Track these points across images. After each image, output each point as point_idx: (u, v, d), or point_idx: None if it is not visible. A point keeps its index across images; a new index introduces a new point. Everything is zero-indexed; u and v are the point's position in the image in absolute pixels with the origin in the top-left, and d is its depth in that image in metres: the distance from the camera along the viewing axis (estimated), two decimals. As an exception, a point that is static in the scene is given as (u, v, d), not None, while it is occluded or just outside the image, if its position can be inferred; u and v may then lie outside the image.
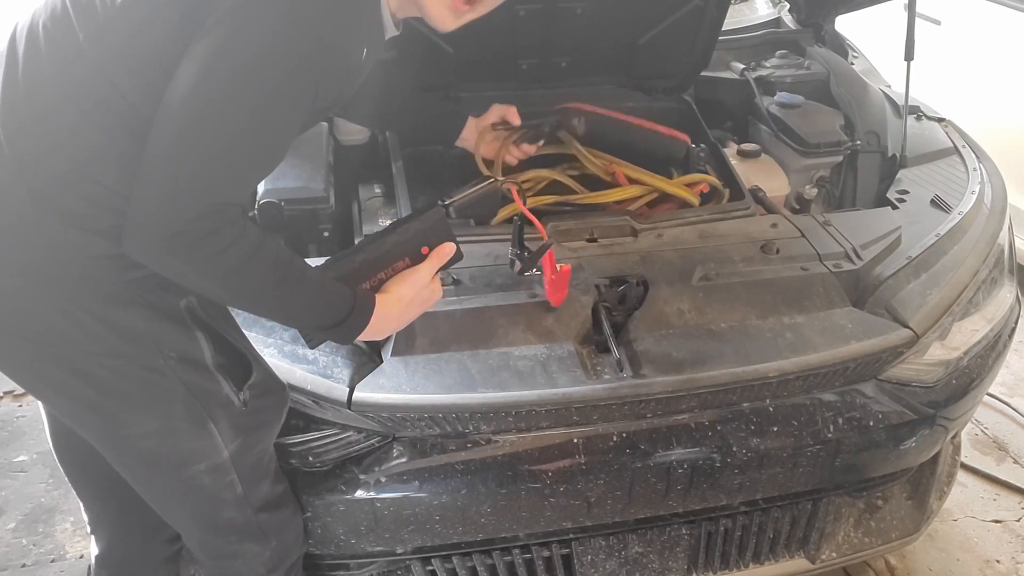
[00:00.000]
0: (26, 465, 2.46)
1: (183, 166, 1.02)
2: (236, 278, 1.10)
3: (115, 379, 1.18)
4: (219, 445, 1.28)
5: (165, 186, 1.02)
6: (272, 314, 1.24)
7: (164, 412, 1.23)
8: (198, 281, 1.09)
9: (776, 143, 2.10)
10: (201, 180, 1.03)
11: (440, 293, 1.34)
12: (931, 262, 1.66)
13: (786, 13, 2.53)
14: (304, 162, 1.80)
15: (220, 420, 1.27)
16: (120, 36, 1.07)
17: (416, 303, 1.30)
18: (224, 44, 1.02)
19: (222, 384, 1.26)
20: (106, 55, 1.07)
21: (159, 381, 1.20)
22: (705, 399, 1.49)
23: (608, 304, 1.53)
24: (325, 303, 1.19)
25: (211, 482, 1.31)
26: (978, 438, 2.63)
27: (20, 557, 2.19)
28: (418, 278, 1.28)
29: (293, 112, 1.10)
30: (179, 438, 1.25)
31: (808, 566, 1.75)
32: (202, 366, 1.24)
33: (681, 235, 1.70)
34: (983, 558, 2.22)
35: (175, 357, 1.21)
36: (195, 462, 1.28)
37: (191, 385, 1.23)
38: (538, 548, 1.64)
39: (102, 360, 1.17)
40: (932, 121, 2.15)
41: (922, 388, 1.63)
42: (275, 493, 1.42)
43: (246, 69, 1.02)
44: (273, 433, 1.38)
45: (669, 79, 2.20)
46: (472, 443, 1.46)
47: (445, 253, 1.32)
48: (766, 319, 1.53)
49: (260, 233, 1.10)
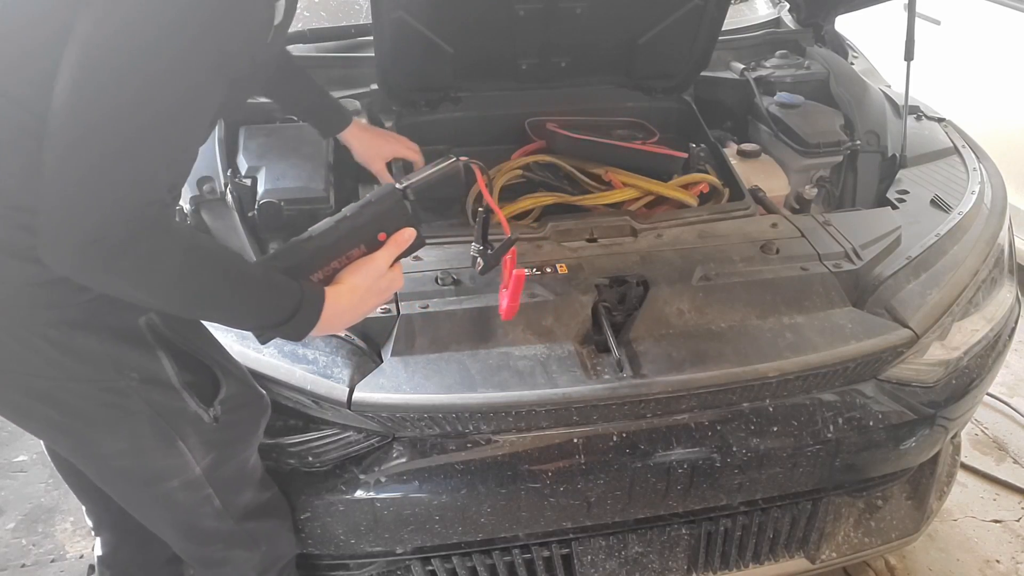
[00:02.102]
0: (26, 465, 2.46)
1: (79, 167, 0.90)
2: (166, 286, 1.00)
3: (79, 402, 1.15)
4: (190, 462, 1.25)
5: (66, 192, 0.91)
6: (211, 317, 1.16)
7: (131, 432, 1.20)
8: (126, 291, 1.00)
9: (776, 143, 2.10)
10: (102, 180, 0.91)
11: (401, 282, 1.24)
12: (931, 262, 1.66)
13: (786, 13, 2.52)
14: (304, 162, 1.80)
15: (189, 437, 1.23)
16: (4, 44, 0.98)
17: (372, 293, 1.20)
18: (100, 23, 0.89)
19: (188, 402, 1.22)
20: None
21: (122, 402, 1.17)
22: (705, 399, 1.49)
23: (608, 304, 1.53)
24: (269, 300, 1.10)
25: (186, 497, 1.29)
26: (978, 438, 2.63)
27: (20, 557, 2.18)
28: (374, 267, 1.19)
29: (196, 88, 0.96)
30: (149, 457, 1.22)
31: (808, 566, 1.75)
32: (166, 385, 1.20)
33: (681, 235, 1.70)
34: (983, 558, 2.22)
35: (136, 377, 1.16)
36: (167, 479, 1.26)
37: (156, 404, 1.19)
38: (538, 548, 1.64)
39: (63, 384, 1.14)
40: (932, 121, 2.15)
41: (922, 388, 1.63)
42: (261, 500, 1.41)
43: (129, 46, 0.89)
44: (251, 445, 1.36)
45: (669, 79, 2.20)
46: (472, 443, 1.46)
47: (404, 239, 1.22)
48: (766, 319, 1.53)
49: (190, 232, 1.02)
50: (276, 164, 1.78)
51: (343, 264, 1.20)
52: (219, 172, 1.72)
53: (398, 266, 1.24)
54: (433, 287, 1.52)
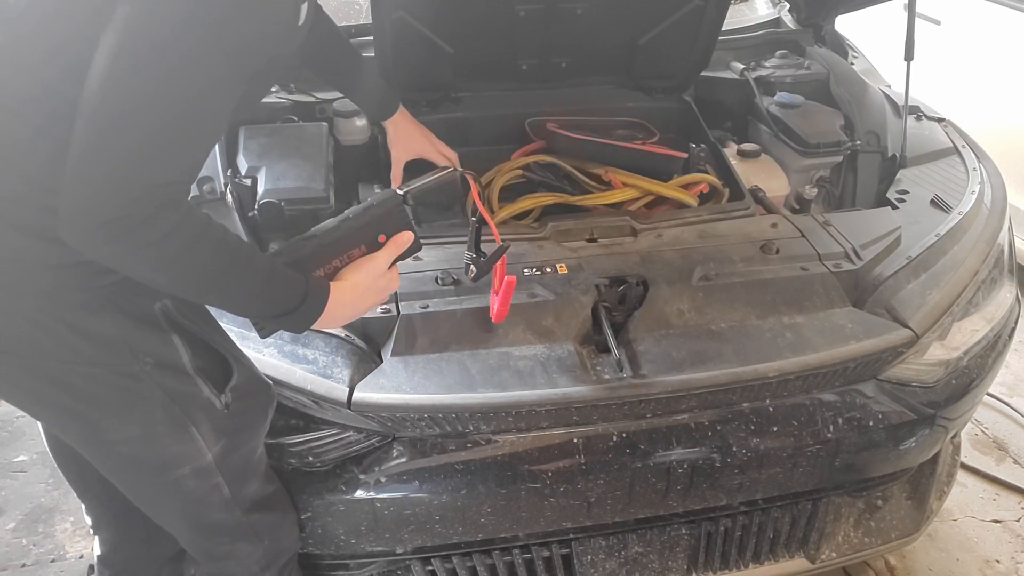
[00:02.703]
0: (26, 465, 2.46)
1: (110, 149, 0.96)
2: (179, 265, 1.04)
3: (92, 386, 1.17)
4: (202, 448, 1.26)
5: (95, 171, 0.97)
6: (220, 302, 1.19)
7: (144, 418, 1.21)
8: (139, 269, 1.04)
9: (776, 143, 2.10)
10: (130, 162, 0.97)
11: (398, 283, 1.29)
12: (931, 262, 1.66)
13: (786, 13, 2.53)
14: (304, 162, 1.80)
15: (201, 423, 1.25)
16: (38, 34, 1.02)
17: (372, 291, 1.25)
18: (135, 16, 0.95)
19: (201, 387, 1.24)
20: (30, 58, 1.03)
21: (136, 387, 1.18)
22: (705, 399, 1.49)
23: (608, 304, 1.53)
24: (277, 290, 1.14)
25: (197, 485, 1.30)
26: (978, 438, 2.63)
27: (20, 557, 2.19)
28: (375, 266, 1.24)
29: (220, 80, 1.02)
30: (160, 443, 1.23)
31: (808, 566, 1.75)
32: (180, 370, 1.22)
33: (681, 235, 1.70)
34: (983, 558, 2.22)
35: (151, 362, 1.18)
36: (179, 466, 1.26)
37: (169, 390, 1.21)
38: (538, 548, 1.64)
39: (77, 368, 1.15)
40: (932, 121, 2.15)
41: (922, 388, 1.63)
42: (266, 493, 1.41)
43: (161, 39, 0.96)
44: (259, 434, 1.37)
45: (669, 79, 2.20)
46: (472, 443, 1.46)
47: (403, 241, 1.27)
48: (766, 319, 1.53)
49: (204, 217, 1.05)
50: (276, 164, 1.78)
51: (344, 263, 1.24)
52: (219, 172, 1.72)
53: (396, 267, 1.28)
54: (433, 287, 1.52)
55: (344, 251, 1.24)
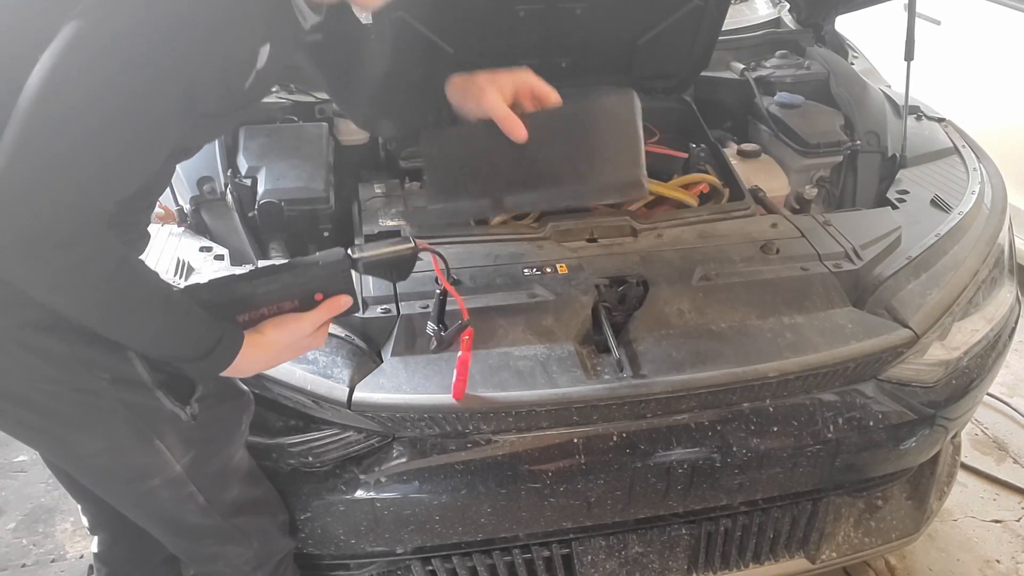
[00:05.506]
0: (26, 465, 2.46)
1: (31, 159, 0.92)
2: (93, 294, 1.00)
3: (53, 403, 1.15)
4: (169, 460, 1.24)
5: (16, 186, 0.92)
6: (128, 337, 1.12)
7: (107, 432, 1.19)
8: (49, 296, 0.99)
9: (776, 143, 2.10)
10: (53, 180, 0.93)
11: (322, 343, 1.25)
12: (931, 262, 1.66)
13: (786, 13, 2.53)
14: (304, 162, 1.80)
15: (167, 435, 1.23)
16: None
17: (289, 350, 1.21)
18: (77, 37, 0.92)
19: (163, 401, 1.21)
20: None
21: (96, 402, 1.16)
22: (705, 399, 1.49)
23: (608, 304, 1.53)
24: (188, 332, 1.10)
25: (170, 495, 1.29)
26: (978, 438, 2.63)
27: (20, 557, 2.19)
28: (299, 327, 1.19)
29: (159, 114, 0.99)
30: (127, 455, 1.22)
31: (808, 566, 1.75)
32: (139, 384, 1.19)
33: (681, 235, 1.70)
34: (983, 558, 2.22)
35: (108, 377, 1.15)
36: (148, 477, 1.25)
37: (130, 404, 1.18)
38: (538, 548, 1.64)
39: (36, 385, 1.13)
40: (932, 121, 2.15)
41: (922, 388, 1.63)
42: (252, 496, 1.40)
43: (99, 63, 0.93)
44: (235, 440, 1.35)
45: (669, 79, 2.20)
46: (472, 443, 1.46)
47: (338, 305, 1.22)
48: (766, 319, 1.53)
49: (122, 252, 1.02)
50: (276, 164, 1.78)
51: (272, 312, 1.19)
52: (219, 172, 1.72)
53: (324, 328, 1.24)
54: (433, 287, 1.52)
55: (275, 302, 1.19)
